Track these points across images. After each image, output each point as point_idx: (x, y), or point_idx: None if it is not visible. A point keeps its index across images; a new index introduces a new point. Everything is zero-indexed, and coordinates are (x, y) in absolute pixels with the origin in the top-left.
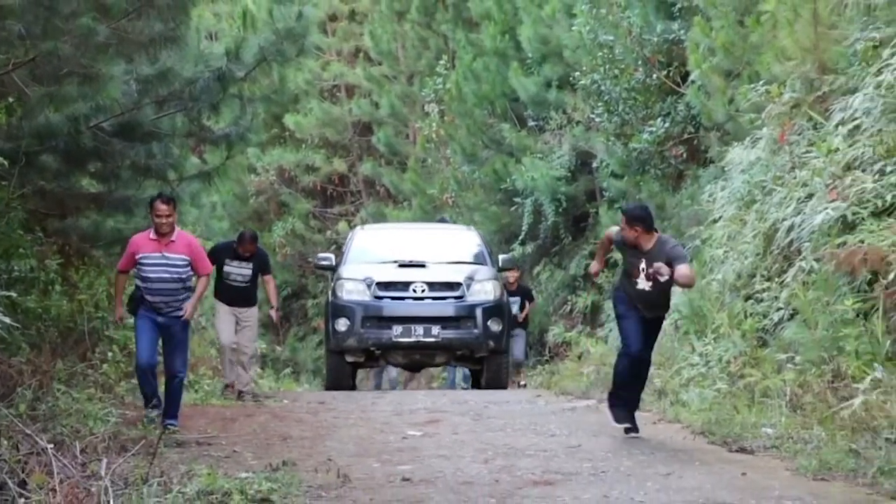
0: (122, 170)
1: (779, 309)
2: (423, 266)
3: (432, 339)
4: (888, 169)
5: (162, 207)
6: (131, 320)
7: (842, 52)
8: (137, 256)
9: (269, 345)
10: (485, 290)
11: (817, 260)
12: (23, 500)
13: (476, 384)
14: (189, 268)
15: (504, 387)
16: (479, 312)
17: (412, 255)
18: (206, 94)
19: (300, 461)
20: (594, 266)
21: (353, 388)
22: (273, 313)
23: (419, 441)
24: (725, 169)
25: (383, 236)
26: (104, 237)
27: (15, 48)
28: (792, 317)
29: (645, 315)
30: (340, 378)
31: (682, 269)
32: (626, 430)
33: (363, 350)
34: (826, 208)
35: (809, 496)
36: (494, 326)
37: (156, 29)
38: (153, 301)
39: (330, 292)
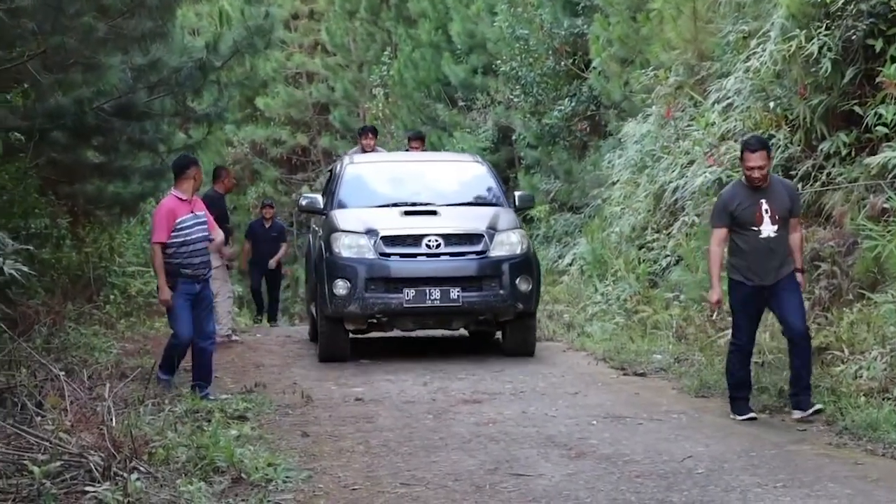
0: (121, 144)
1: (666, 256)
2: (433, 213)
3: (451, 304)
4: None
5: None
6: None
7: (717, 43)
8: (176, 221)
9: (245, 288)
10: (510, 241)
11: (698, 215)
12: (39, 418)
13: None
14: None
15: (531, 353)
16: (505, 269)
17: (415, 194)
18: (190, 80)
19: (270, 384)
20: (715, 294)
21: (348, 358)
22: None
23: (370, 367)
24: (622, 140)
25: (378, 170)
26: (106, 200)
27: (28, 42)
28: (677, 262)
29: (766, 284)
30: (337, 348)
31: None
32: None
33: (367, 317)
34: (704, 172)
35: (691, 410)
36: (523, 286)
37: (147, 26)
38: (196, 264)
39: (322, 244)
